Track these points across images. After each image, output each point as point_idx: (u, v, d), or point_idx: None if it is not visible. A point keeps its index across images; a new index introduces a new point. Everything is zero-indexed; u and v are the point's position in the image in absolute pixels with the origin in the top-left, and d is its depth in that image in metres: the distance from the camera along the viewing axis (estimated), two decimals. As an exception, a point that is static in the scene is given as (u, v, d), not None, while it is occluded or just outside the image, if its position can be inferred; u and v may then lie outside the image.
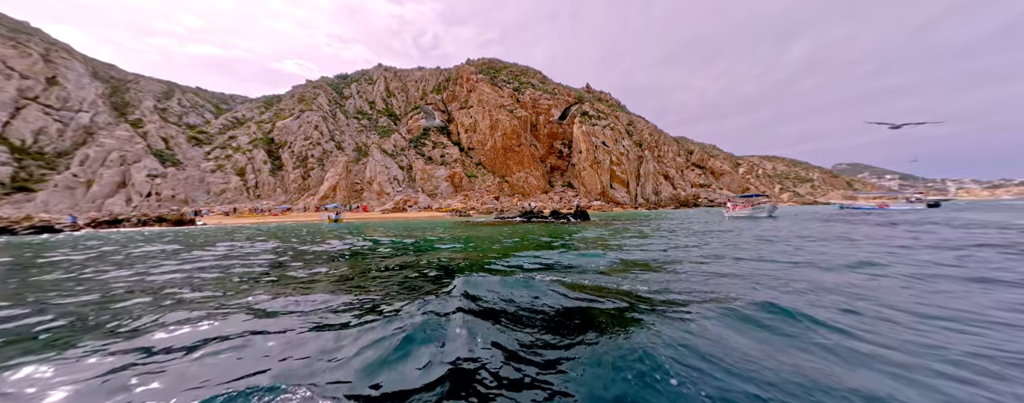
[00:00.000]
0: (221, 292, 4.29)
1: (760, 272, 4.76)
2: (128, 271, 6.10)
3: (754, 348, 2.14)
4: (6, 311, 3.63)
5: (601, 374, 1.82)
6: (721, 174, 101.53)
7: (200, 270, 6.07)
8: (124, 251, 9.66)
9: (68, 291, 4.60)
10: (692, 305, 3.02)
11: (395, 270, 5.53)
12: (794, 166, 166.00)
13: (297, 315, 3.15)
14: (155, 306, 3.69)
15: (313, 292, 4.14)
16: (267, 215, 45.59)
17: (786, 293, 3.57)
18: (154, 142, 56.59)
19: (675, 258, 6.10)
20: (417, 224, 23.31)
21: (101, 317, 3.35)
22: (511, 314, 2.84)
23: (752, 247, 7.65)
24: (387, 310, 3.17)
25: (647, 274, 4.70)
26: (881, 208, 32.26)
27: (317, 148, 68.25)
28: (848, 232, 10.70)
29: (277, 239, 12.78)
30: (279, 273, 5.69)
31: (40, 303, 3.97)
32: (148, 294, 4.28)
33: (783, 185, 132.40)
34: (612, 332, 2.40)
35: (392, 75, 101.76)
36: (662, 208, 64.96)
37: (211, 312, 3.34)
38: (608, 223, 19.40)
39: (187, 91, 76.69)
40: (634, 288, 3.77)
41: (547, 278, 4.18)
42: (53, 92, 53.11)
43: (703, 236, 10.58)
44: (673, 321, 2.59)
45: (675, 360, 1.89)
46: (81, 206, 43.30)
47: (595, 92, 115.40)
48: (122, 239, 14.63)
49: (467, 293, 3.25)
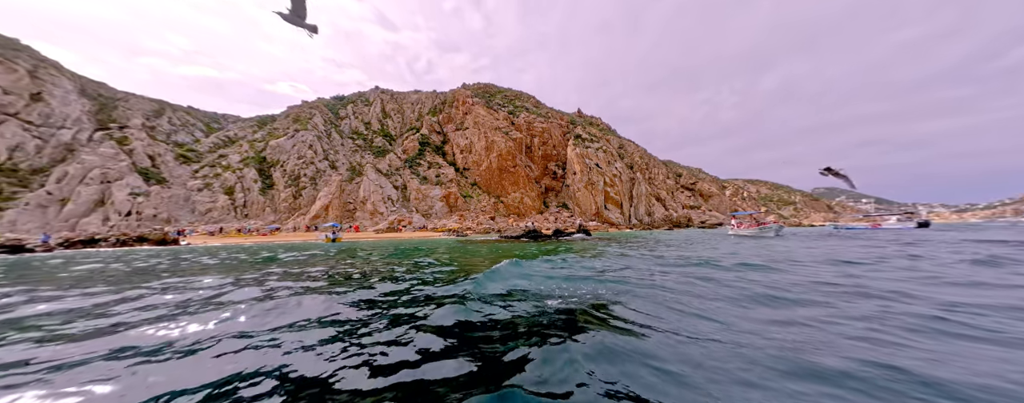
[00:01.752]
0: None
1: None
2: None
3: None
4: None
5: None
6: (709, 196, 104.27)
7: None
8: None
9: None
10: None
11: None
12: (777, 189, 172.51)
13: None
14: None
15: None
16: (255, 235, 43.67)
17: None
18: (140, 160, 54.76)
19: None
20: (421, 244, 22.55)
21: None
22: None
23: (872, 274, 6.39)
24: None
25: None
26: (874, 227, 33.25)
27: (310, 167, 67.26)
28: (902, 251, 10.33)
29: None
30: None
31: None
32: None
33: (768, 207, 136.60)
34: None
35: (389, 97, 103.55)
36: (656, 228, 65.52)
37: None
38: (623, 241, 19.22)
39: (178, 110, 75.70)
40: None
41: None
42: (36, 108, 51.51)
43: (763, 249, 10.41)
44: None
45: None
46: (53, 225, 40.62)
47: (586, 116, 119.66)
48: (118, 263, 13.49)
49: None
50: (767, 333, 3.00)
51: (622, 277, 6.11)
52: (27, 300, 5.32)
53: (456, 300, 4.30)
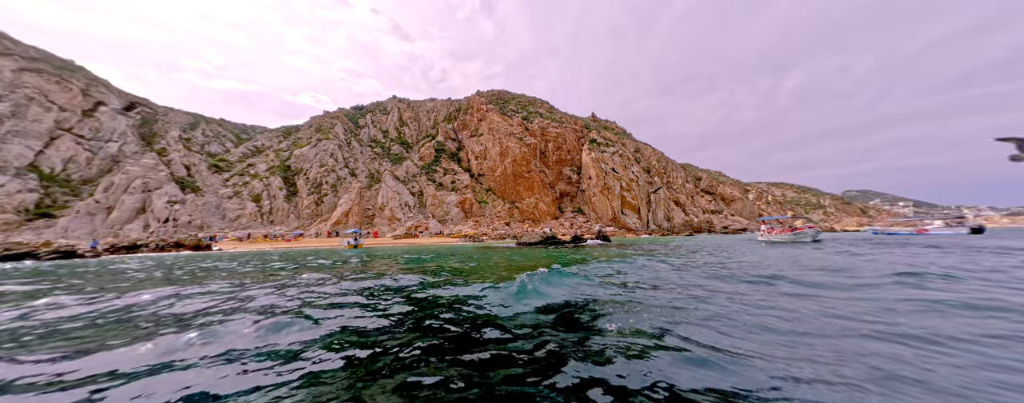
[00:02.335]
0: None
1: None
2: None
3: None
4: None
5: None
6: (731, 200, 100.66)
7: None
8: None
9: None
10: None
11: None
12: (804, 193, 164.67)
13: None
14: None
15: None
16: (280, 240, 45.36)
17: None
18: (177, 170, 58.21)
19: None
20: (440, 250, 22.76)
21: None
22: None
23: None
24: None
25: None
26: (920, 233, 30.93)
27: (331, 175, 69.55)
28: (1001, 261, 8.85)
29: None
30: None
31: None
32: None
33: (795, 212, 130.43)
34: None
35: (405, 106, 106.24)
36: (675, 234, 63.61)
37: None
38: (649, 249, 18.74)
39: (211, 122, 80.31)
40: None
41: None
42: (87, 123, 55.88)
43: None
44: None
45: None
46: (99, 232, 43.59)
47: (601, 121, 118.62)
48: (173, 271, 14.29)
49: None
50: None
51: (680, 299, 5.12)
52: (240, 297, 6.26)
53: (486, 319, 4.19)
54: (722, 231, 69.73)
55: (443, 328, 3.93)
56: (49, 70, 55.74)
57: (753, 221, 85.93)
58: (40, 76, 53.99)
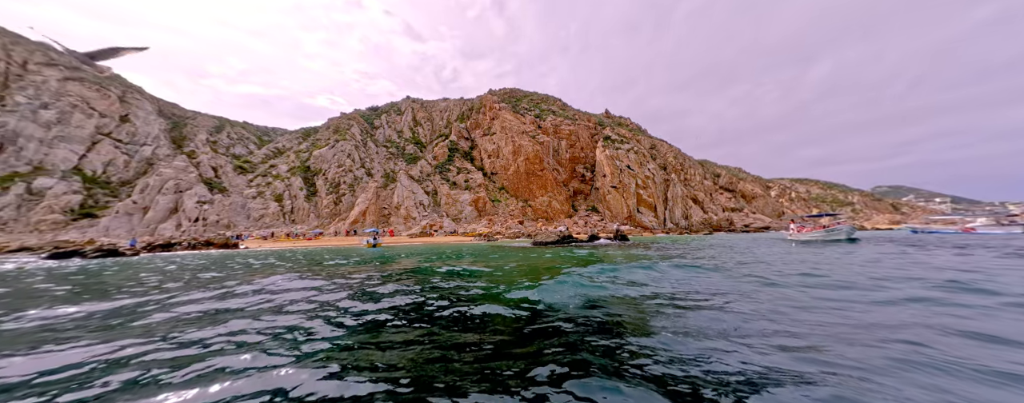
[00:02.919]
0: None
1: None
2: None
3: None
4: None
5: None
6: (752, 197, 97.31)
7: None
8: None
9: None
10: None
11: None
12: (830, 189, 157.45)
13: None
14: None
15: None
16: (301, 239, 46.86)
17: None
18: (205, 171, 60.98)
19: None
20: (459, 249, 23.00)
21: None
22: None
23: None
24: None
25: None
26: (966, 231, 28.83)
27: (349, 175, 71.27)
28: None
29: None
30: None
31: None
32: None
33: (821, 209, 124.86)
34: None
35: (419, 106, 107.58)
36: (693, 233, 61.99)
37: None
38: (669, 250, 18.36)
39: (235, 125, 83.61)
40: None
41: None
42: (124, 128, 59.21)
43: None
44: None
45: None
46: (137, 230, 46.22)
47: (615, 117, 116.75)
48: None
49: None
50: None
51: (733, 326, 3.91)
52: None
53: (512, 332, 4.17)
54: (743, 229, 67.54)
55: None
56: (89, 78, 59.29)
57: (776, 219, 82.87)
58: (82, 84, 57.50)
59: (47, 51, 59.30)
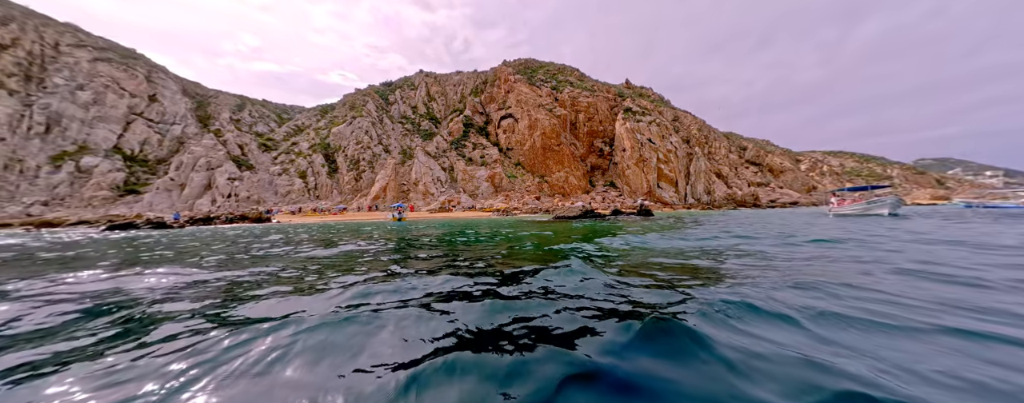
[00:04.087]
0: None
1: None
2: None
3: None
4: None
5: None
6: (781, 171, 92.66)
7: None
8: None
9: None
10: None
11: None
12: (866, 162, 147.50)
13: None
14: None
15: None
16: (327, 214, 48.77)
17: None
18: (232, 149, 63.16)
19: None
20: (485, 223, 23.34)
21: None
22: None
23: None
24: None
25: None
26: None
27: (367, 152, 72.21)
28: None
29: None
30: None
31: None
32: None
33: (854, 184, 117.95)
34: None
35: (432, 80, 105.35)
36: (716, 208, 60.24)
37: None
38: (702, 224, 17.95)
39: (255, 103, 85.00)
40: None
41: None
42: (154, 108, 61.33)
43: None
44: None
45: None
46: (177, 205, 49.26)
47: (636, 88, 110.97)
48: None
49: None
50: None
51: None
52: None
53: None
54: (769, 205, 65.05)
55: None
56: (116, 59, 60.84)
57: (806, 194, 79.10)
58: (110, 65, 59.17)
59: (75, 32, 60.72)
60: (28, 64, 52.63)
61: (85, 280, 4.80)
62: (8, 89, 48.90)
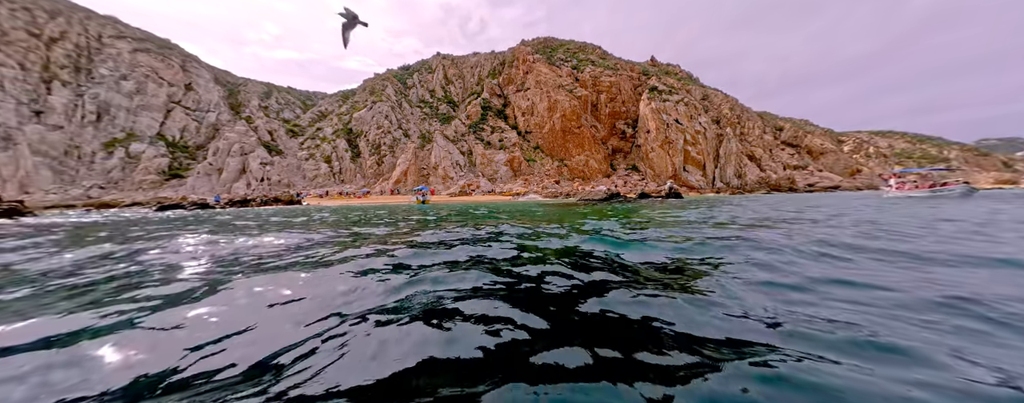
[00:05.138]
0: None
1: None
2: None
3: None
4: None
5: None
6: (821, 153, 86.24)
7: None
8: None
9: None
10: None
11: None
12: (920, 142, 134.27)
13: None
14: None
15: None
16: (352, 197, 50.42)
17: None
18: (263, 135, 65.78)
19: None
20: (516, 207, 23.27)
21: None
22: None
23: None
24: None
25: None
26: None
27: (388, 136, 73.20)
28: None
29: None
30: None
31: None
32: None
33: (905, 166, 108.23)
34: None
35: (450, 63, 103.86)
36: (748, 193, 57.19)
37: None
38: (742, 208, 17.03)
39: (281, 90, 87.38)
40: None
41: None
42: (190, 96, 64.34)
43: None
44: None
45: None
46: (216, 188, 52.40)
47: (661, 65, 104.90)
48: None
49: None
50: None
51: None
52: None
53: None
54: (806, 189, 61.03)
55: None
56: (154, 49, 63.72)
57: (849, 178, 73.51)
58: (149, 55, 62.10)
59: (115, 24, 63.76)
60: (77, 55, 56.12)
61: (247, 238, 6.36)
62: (61, 80, 52.59)
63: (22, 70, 49.27)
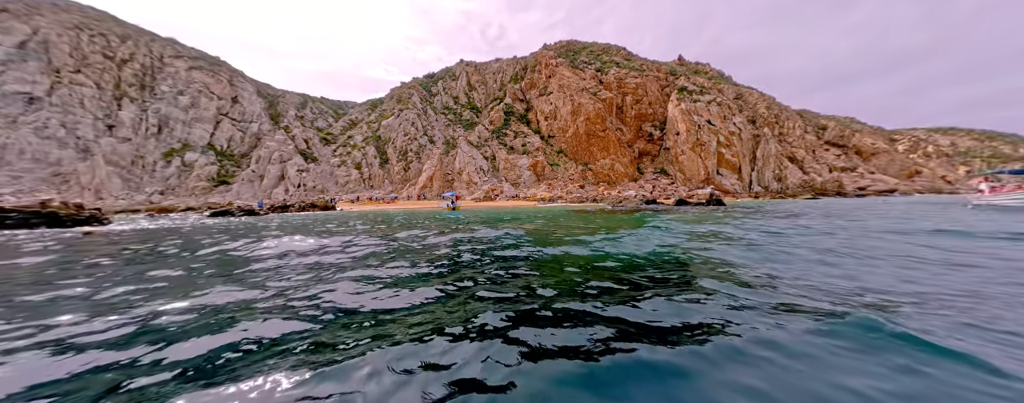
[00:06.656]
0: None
1: None
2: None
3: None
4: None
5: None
6: (872, 154, 79.41)
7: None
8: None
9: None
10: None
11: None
12: (990, 139, 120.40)
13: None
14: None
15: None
16: (381, 202, 52.01)
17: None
18: (299, 143, 69.65)
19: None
20: (552, 213, 22.98)
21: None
22: None
23: None
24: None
25: None
26: None
27: (414, 143, 75.24)
28: None
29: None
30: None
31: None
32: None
33: (970, 168, 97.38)
34: None
35: (473, 69, 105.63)
36: (790, 197, 53.40)
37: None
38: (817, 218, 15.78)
39: (315, 100, 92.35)
40: None
41: None
42: (236, 108, 69.38)
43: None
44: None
45: None
46: (258, 194, 55.89)
47: (690, 64, 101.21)
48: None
49: None
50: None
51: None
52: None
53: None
54: (857, 193, 56.19)
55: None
56: (206, 66, 69.45)
57: (906, 181, 67.01)
58: (202, 72, 67.73)
59: (174, 44, 70.13)
60: (142, 74, 62.18)
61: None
62: (130, 97, 58.39)
63: (98, 89, 55.22)
